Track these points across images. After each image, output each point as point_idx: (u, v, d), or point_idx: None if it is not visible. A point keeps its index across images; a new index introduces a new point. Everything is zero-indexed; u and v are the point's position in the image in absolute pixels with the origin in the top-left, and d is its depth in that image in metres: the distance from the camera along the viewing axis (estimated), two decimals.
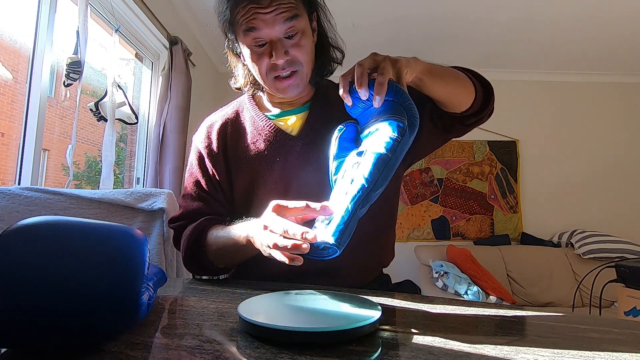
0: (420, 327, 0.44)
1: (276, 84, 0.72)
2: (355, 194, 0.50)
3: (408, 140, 0.54)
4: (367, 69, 0.57)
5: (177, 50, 2.10)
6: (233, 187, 0.79)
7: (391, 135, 0.53)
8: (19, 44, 1.37)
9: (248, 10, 0.66)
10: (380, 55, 0.59)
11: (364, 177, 0.51)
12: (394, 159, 0.52)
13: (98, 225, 0.39)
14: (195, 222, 0.75)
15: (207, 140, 0.80)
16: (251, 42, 0.69)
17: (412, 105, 0.56)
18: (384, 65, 0.56)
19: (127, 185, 2.11)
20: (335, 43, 0.80)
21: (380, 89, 0.54)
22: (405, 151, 0.54)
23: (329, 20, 0.78)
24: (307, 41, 0.71)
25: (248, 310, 0.42)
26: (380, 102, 0.55)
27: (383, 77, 0.55)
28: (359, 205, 0.50)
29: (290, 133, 0.77)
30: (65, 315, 0.33)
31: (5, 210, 1.01)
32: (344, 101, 0.61)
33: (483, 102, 0.74)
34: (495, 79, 3.42)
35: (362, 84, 0.56)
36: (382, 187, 0.52)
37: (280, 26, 0.66)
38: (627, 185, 3.29)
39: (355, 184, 0.51)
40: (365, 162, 0.53)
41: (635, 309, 1.08)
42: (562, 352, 0.37)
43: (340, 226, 0.48)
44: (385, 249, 0.82)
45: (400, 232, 3.23)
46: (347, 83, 0.60)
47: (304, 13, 0.69)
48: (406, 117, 0.55)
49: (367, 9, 2.46)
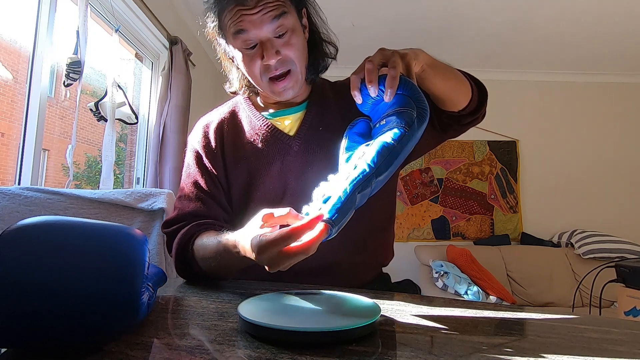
0: (420, 327, 0.44)
1: (272, 87, 0.71)
2: (356, 176, 0.50)
3: (417, 132, 0.54)
4: (377, 65, 0.57)
5: (177, 50, 2.10)
6: (231, 186, 0.78)
7: (399, 127, 0.53)
8: (19, 44, 1.37)
9: (235, 13, 0.65)
10: (388, 50, 0.59)
11: (366, 162, 0.51)
12: (399, 147, 0.52)
13: (98, 225, 0.39)
14: (185, 228, 0.71)
15: (204, 140, 0.79)
16: (241, 45, 0.68)
17: (422, 98, 0.56)
18: (394, 59, 0.56)
19: (127, 185, 2.11)
20: (327, 38, 0.79)
21: (392, 82, 0.54)
22: (414, 143, 0.54)
23: (319, 15, 0.77)
24: (297, 39, 0.70)
25: (248, 310, 0.42)
26: (392, 96, 0.55)
27: (395, 70, 0.55)
28: (357, 188, 0.49)
29: (287, 133, 0.76)
30: (65, 315, 0.33)
31: (5, 210, 1.01)
32: (354, 99, 0.60)
33: (478, 102, 0.75)
34: (495, 79, 3.41)
35: (373, 81, 0.56)
36: (385, 175, 0.52)
37: (268, 26, 0.66)
38: (627, 185, 3.29)
39: (357, 169, 0.51)
40: (370, 150, 0.53)
41: (635, 309, 1.08)
42: (562, 352, 0.37)
43: (337, 205, 0.47)
44: (384, 247, 0.82)
45: (400, 232, 3.23)
46: (358, 81, 0.59)
47: (292, 10, 0.69)
48: (415, 109, 0.55)
49: (367, 9, 2.46)
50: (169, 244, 0.75)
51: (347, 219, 0.48)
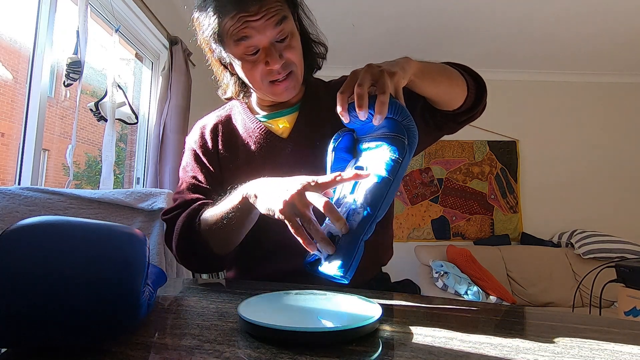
0: (420, 327, 0.44)
1: (273, 88, 0.71)
2: (361, 223, 0.50)
3: (408, 161, 0.54)
4: (367, 89, 0.54)
5: (177, 50, 2.10)
6: (225, 188, 0.78)
7: (392, 157, 0.53)
8: (19, 44, 1.37)
9: (238, 20, 0.64)
10: (375, 68, 0.57)
11: (366, 204, 0.51)
12: (396, 181, 0.52)
13: (98, 225, 0.39)
14: (192, 206, 0.71)
15: (201, 140, 0.80)
16: (243, 52, 0.68)
17: (412, 123, 0.55)
18: (383, 81, 0.54)
19: (127, 185, 2.11)
20: (317, 38, 0.79)
21: (381, 108, 0.53)
22: (405, 171, 0.54)
23: (308, 17, 0.77)
24: (297, 42, 0.70)
25: (248, 310, 0.42)
26: (381, 121, 0.54)
27: (384, 96, 0.53)
28: (362, 232, 0.49)
29: (280, 135, 0.77)
30: (65, 316, 0.33)
31: (5, 210, 1.01)
32: (342, 118, 0.58)
33: (475, 99, 0.74)
34: (495, 78, 3.40)
35: (363, 106, 0.53)
36: (383, 211, 0.51)
37: (271, 31, 0.65)
38: (627, 185, 3.29)
39: (359, 211, 0.51)
40: (366, 186, 0.52)
41: (635, 309, 1.08)
42: (562, 352, 0.37)
43: (348, 261, 0.48)
44: (383, 247, 0.82)
45: (400, 232, 3.24)
46: (346, 101, 0.57)
47: (289, 14, 0.69)
48: (406, 136, 0.54)
49: (367, 9, 2.46)
50: (168, 232, 0.74)
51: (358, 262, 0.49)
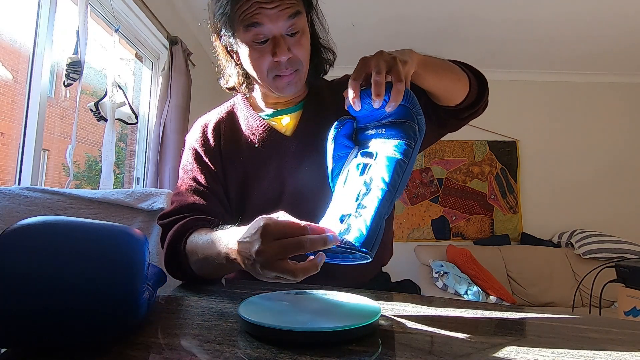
0: (420, 327, 0.44)
1: (276, 82, 0.71)
2: (380, 198, 0.49)
3: (418, 146, 0.54)
4: (384, 76, 0.55)
5: (177, 50, 2.10)
6: (228, 186, 0.77)
7: (405, 141, 0.53)
8: (19, 44, 1.37)
9: (251, 5, 0.64)
10: (388, 55, 0.57)
11: (384, 181, 0.50)
12: (410, 164, 0.52)
13: (98, 225, 0.39)
14: (182, 221, 0.69)
15: (202, 138, 0.79)
16: (252, 39, 0.67)
17: (420, 111, 0.56)
18: (398, 69, 0.55)
19: (127, 185, 2.11)
20: (327, 44, 0.79)
21: (398, 95, 0.53)
22: (416, 158, 0.54)
23: (321, 22, 0.77)
24: (306, 40, 0.70)
25: (248, 310, 0.42)
26: (394, 108, 0.54)
27: (401, 84, 0.54)
28: (383, 210, 0.49)
29: (284, 133, 0.77)
30: (65, 316, 0.33)
31: (5, 210, 1.01)
32: (353, 106, 0.58)
33: (477, 95, 0.74)
34: (495, 78, 3.40)
35: (381, 94, 0.54)
36: (399, 192, 0.52)
37: (283, 22, 0.65)
38: (627, 185, 3.29)
39: (374, 190, 0.50)
40: (380, 166, 0.52)
41: (635, 309, 1.08)
42: (562, 352, 0.37)
43: (368, 231, 0.46)
44: (383, 246, 0.82)
45: (400, 232, 3.24)
46: (358, 88, 0.57)
47: (304, 12, 0.69)
48: (416, 122, 0.55)
49: (367, 9, 2.46)
50: (163, 237, 0.73)
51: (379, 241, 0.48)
